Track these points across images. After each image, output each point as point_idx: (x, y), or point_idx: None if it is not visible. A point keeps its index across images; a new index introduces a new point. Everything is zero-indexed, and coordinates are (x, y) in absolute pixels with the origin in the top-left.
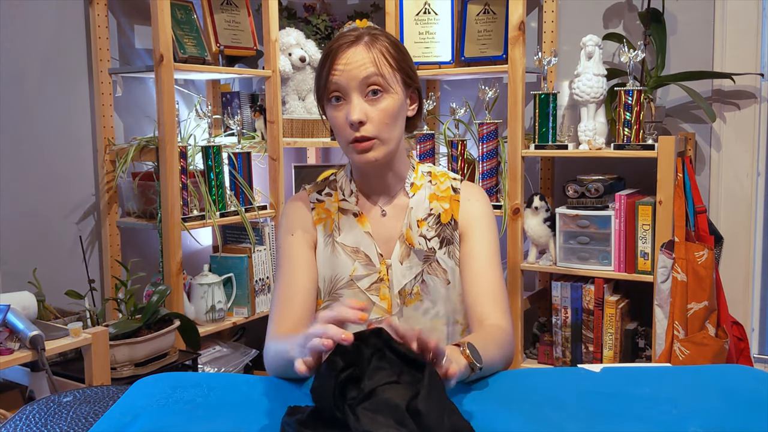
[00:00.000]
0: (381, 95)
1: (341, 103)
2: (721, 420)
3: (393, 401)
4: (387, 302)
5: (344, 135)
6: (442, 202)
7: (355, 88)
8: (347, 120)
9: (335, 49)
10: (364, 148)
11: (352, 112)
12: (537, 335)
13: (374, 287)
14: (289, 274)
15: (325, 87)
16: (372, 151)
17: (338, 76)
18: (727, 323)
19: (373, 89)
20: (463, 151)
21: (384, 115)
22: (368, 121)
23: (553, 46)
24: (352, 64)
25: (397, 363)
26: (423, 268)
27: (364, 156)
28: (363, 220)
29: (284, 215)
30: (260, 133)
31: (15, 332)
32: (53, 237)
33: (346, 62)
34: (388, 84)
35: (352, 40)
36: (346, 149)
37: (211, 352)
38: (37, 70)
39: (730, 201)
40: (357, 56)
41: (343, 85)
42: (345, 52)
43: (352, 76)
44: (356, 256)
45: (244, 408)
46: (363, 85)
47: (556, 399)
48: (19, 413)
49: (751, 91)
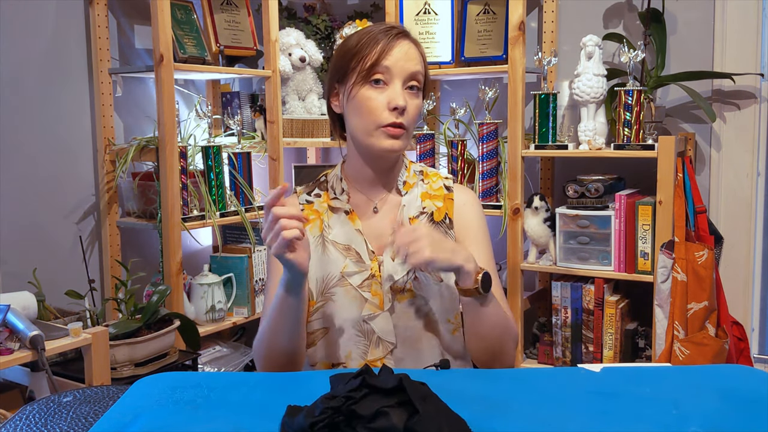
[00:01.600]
0: (417, 92)
1: (382, 86)
2: (721, 420)
3: (393, 424)
4: (379, 298)
5: (378, 117)
6: (435, 201)
7: (401, 77)
8: (389, 104)
9: (390, 36)
10: (397, 134)
11: (398, 98)
12: (537, 335)
13: (366, 284)
14: (277, 279)
15: (372, 67)
16: (400, 139)
17: (391, 61)
18: (727, 323)
19: (413, 85)
20: (463, 151)
21: (416, 111)
22: (406, 111)
23: (553, 46)
24: (406, 55)
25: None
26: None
27: (393, 142)
28: (354, 217)
29: None
30: (260, 133)
31: (15, 332)
32: (53, 237)
33: (403, 51)
34: (423, 85)
35: (403, 32)
36: (371, 133)
37: (211, 352)
38: (37, 70)
39: (730, 201)
40: (411, 50)
41: (393, 71)
42: (400, 41)
43: (405, 67)
44: (347, 253)
45: (244, 408)
46: (409, 77)
47: (556, 399)
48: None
49: (751, 91)
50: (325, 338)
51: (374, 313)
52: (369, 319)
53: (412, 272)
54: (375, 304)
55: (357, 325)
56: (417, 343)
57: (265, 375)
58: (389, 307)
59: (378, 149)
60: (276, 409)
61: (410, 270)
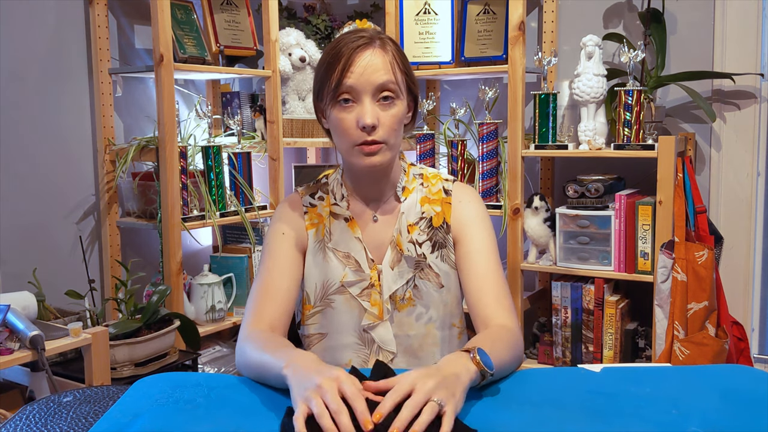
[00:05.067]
0: (392, 101)
1: (350, 105)
2: (721, 420)
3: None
4: (378, 308)
5: (351, 137)
6: (434, 205)
7: (369, 92)
8: (358, 123)
9: (350, 51)
10: (372, 151)
11: (366, 116)
12: (537, 335)
13: (365, 293)
14: (275, 272)
15: (336, 88)
16: (378, 155)
17: (354, 79)
18: (727, 323)
19: (386, 95)
20: (463, 151)
21: (394, 121)
22: (379, 125)
23: (553, 46)
24: (369, 68)
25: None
26: (414, 274)
27: (370, 159)
28: (354, 225)
29: (276, 215)
30: (260, 133)
31: (15, 332)
32: (53, 237)
33: (364, 65)
34: (399, 90)
35: (365, 42)
36: (350, 152)
37: (211, 352)
38: (37, 70)
39: (730, 201)
40: (374, 60)
41: (357, 88)
42: (361, 54)
43: (369, 81)
44: (347, 261)
45: (244, 408)
46: (378, 90)
47: (556, 399)
48: (19, 413)
49: (751, 91)
50: (323, 344)
51: (374, 322)
52: (369, 329)
53: (411, 281)
54: (374, 314)
55: (357, 333)
56: (418, 351)
57: None
58: (389, 317)
59: (358, 167)
60: (276, 409)
61: (409, 279)
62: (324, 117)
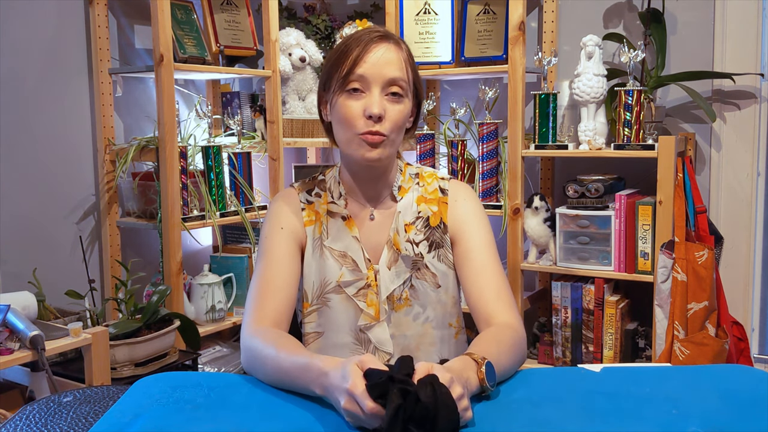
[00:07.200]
0: (400, 98)
1: (359, 94)
2: (721, 420)
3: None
4: (374, 308)
5: (355, 126)
6: (431, 205)
7: (379, 83)
8: (365, 112)
9: (366, 41)
10: (374, 141)
11: (374, 105)
12: (537, 335)
13: (361, 293)
14: (275, 268)
15: (347, 75)
16: (379, 148)
17: (365, 68)
18: (727, 323)
19: (395, 90)
20: (463, 151)
21: (400, 117)
22: (386, 118)
23: (553, 46)
24: (383, 60)
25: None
26: (411, 274)
27: (372, 151)
28: (351, 224)
29: (273, 210)
30: (260, 133)
31: (15, 332)
32: (53, 237)
33: (377, 56)
34: (408, 90)
35: (382, 36)
36: (350, 142)
37: (211, 352)
38: (37, 70)
39: (730, 201)
40: (389, 54)
41: (368, 78)
42: (376, 47)
43: (381, 73)
44: (344, 260)
45: (244, 408)
46: (387, 83)
47: (556, 399)
48: (19, 413)
49: (751, 91)
50: (319, 342)
51: (370, 323)
52: (365, 329)
53: (408, 281)
54: (370, 314)
55: (353, 333)
56: (415, 351)
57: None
58: (386, 317)
59: (358, 159)
60: (276, 408)
61: (406, 279)
62: (327, 108)
